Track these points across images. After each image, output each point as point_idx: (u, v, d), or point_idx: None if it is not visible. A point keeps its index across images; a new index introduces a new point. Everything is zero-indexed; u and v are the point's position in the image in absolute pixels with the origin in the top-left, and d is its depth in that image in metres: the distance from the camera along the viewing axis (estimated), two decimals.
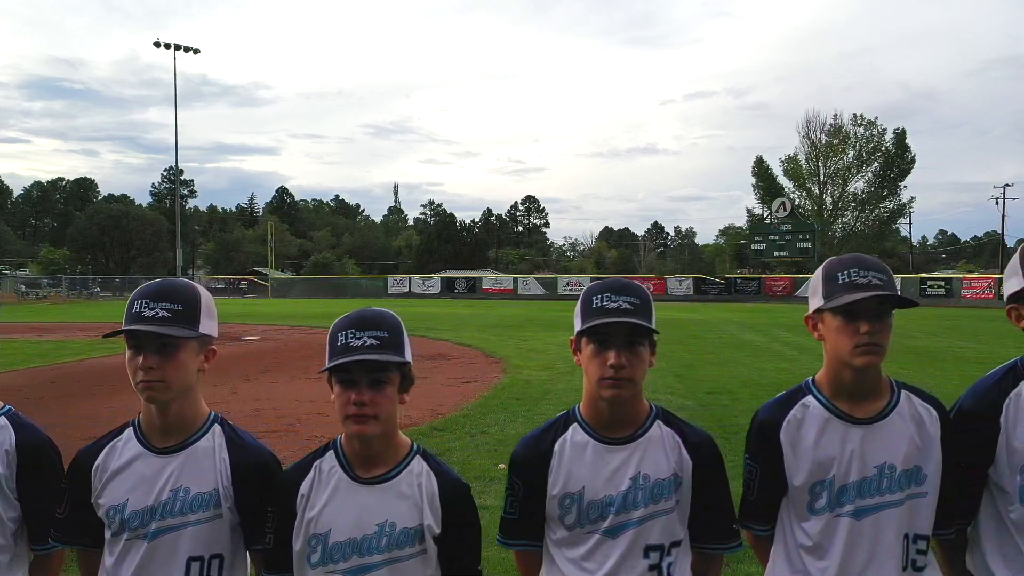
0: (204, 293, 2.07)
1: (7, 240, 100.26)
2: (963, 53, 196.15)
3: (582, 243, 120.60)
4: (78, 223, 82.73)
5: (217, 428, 2.08)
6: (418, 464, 1.99)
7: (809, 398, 2.09)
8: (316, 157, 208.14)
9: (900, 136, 68.49)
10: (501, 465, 7.83)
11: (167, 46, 60.10)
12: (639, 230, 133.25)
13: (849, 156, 69.08)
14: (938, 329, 25.67)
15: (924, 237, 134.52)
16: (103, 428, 2.20)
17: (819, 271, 2.08)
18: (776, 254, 58.97)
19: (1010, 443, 2.00)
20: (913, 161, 69.20)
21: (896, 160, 68.38)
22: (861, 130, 69.09)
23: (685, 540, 2.06)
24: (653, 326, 1.98)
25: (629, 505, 1.97)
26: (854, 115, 69.48)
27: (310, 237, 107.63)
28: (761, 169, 72.65)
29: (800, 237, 57.74)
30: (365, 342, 1.87)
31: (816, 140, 69.60)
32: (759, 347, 19.63)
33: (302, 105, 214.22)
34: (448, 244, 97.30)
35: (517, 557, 2.19)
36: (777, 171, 71.87)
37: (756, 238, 61.93)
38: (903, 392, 2.09)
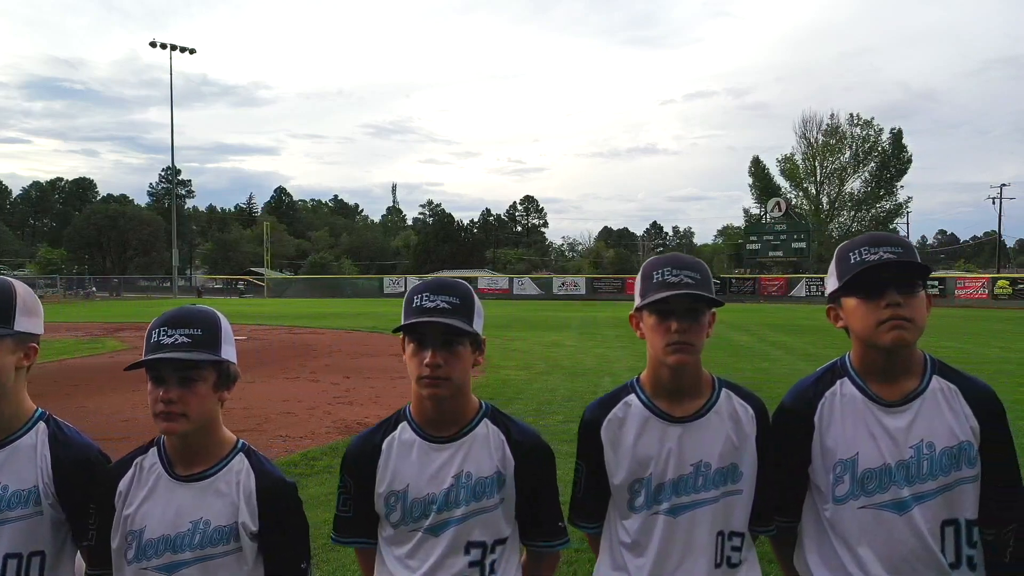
0: (20, 288, 2.06)
1: (6, 240, 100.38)
2: (963, 53, 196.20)
3: (580, 243, 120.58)
4: (75, 223, 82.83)
5: (41, 425, 2.08)
6: (239, 462, 2.00)
7: (631, 397, 2.10)
8: (316, 157, 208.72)
9: (897, 136, 68.56)
10: None
11: (163, 46, 60.22)
12: (639, 230, 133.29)
13: (846, 156, 69.14)
14: (928, 327, 25.58)
15: (924, 237, 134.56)
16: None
17: (640, 270, 2.09)
18: (771, 254, 58.93)
19: (824, 442, 2.00)
20: (910, 161, 69.28)
21: (892, 160, 68.41)
22: (858, 130, 69.25)
23: (513, 538, 2.07)
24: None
25: (451, 503, 1.98)
26: (851, 115, 69.67)
27: (308, 237, 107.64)
28: (758, 169, 72.69)
29: (795, 237, 57.71)
30: (176, 340, 1.88)
31: (813, 140, 69.67)
32: (743, 347, 19.63)
33: (302, 105, 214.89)
34: (446, 244, 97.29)
35: (357, 554, 2.20)
36: (774, 171, 71.98)
37: (751, 238, 61.89)
38: (724, 390, 2.10)
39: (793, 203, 69.12)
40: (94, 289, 64.23)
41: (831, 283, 2.04)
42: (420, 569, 1.98)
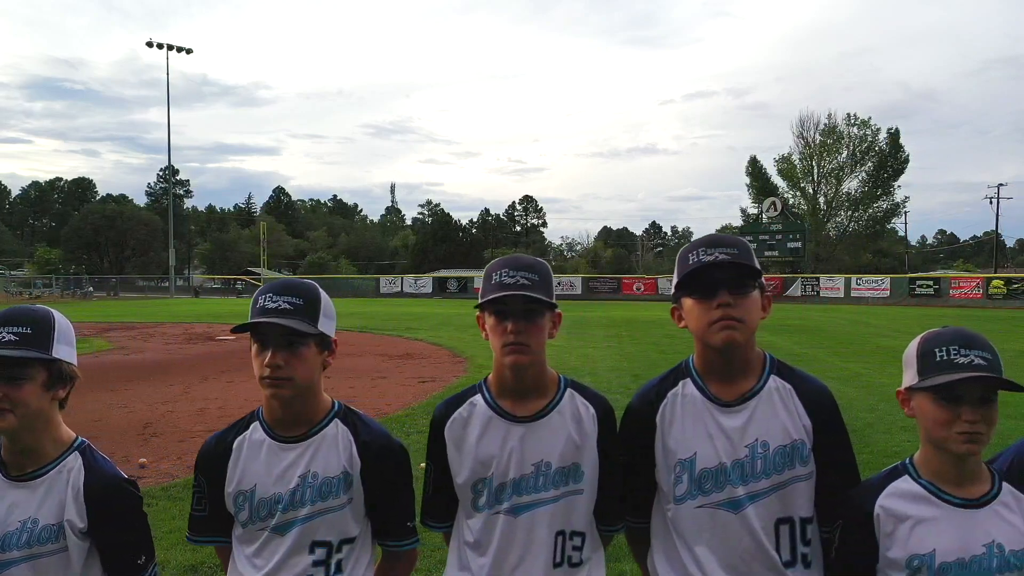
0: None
1: (4, 240, 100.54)
2: (963, 53, 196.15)
3: (579, 243, 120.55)
4: (72, 223, 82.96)
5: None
6: (73, 460, 2.00)
7: (477, 397, 2.10)
8: (316, 157, 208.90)
9: (894, 136, 68.49)
10: (422, 464, 7.91)
11: (159, 46, 60.26)
12: (640, 230, 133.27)
13: (843, 156, 69.09)
14: (916, 328, 25.42)
15: (923, 237, 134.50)
16: None
17: (485, 270, 2.10)
18: (767, 254, 58.82)
19: (666, 443, 2.00)
20: (907, 161, 69.22)
21: (890, 160, 68.34)
22: (855, 130, 69.15)
23: (363, 537, 2.07)
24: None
25: (296, 503, 1.99)
26: (848, 115, 69.59)
27: (307, 237, 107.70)
28: (755, 169, 72.64)
29: (790, 237, 57.65)
30: (4, 338, 1.89)
31: (810, 140, 69.62)
32: None
33: (302, 105, 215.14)
34: (444, 244, 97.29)
35: (217, 553, 2.21)
36: (772, 171, 71.94)
37: (747, 238, 61.71)
38: (568, 390, 2.10)
39: (791, 203, 69.08)
40: (91, 289, 64.27)
41: (674, 283, 2.03)
42: (265, 568, 1.99)
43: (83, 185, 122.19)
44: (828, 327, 26.58)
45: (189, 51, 61.73)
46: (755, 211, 67.66)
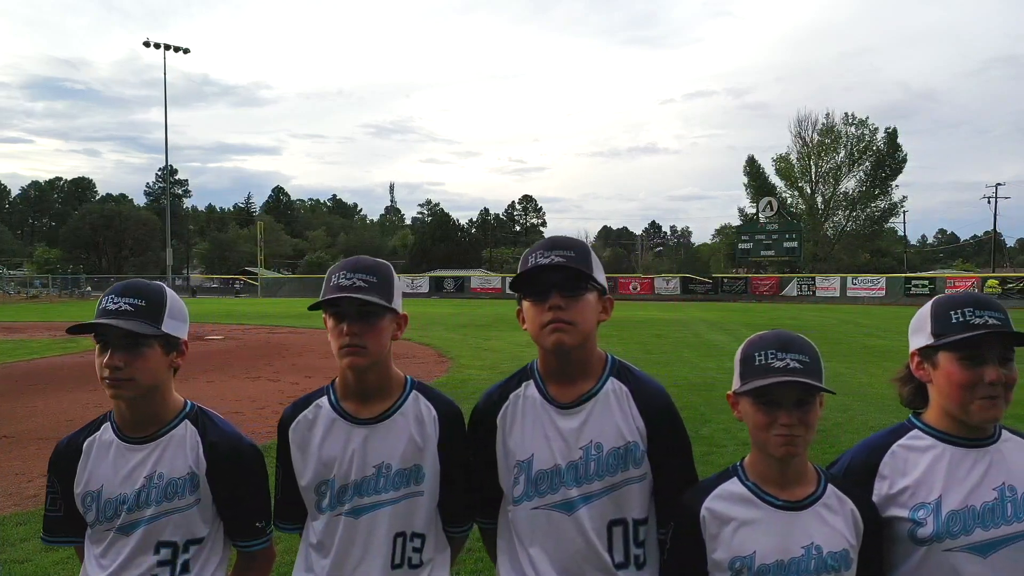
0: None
1: (4, 240, 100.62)
2: (963, 53, 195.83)
3: None
4: (71, 223, 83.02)
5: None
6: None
7: (323, 399, 2.12)
8: (317, 157, 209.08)
9: (891, 135, 68.40)
10: None
11: (156, 46, 60.28)
12: (640, 230, 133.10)
13: (840, 155, 69.02)
14: (904, 328, 25.52)
15: (924, 236, 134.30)
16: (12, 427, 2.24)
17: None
18: (763, 253, 58.87)
19: (506, 444, 2.01)
20: (905, 160, 69.16)
21: (887, 159, 68.27)
22: (852, 129, 69.08)
23: (213, 538, 2.08)
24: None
25: (142, 503, 2.00)
26: (845, 114, 69.58)
27: (306, 237, 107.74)
28: (753, 168, 72.59)
29: (786, 236, 57.63)
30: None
31: (808, 139, 69.57)
32: (716, 346, 19.61)
33: (303, 105, 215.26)
34: (442, 244, 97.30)
35: (76, 552, 2.22)
36: (769, 171, 71.89)
37: (743, 237, 61.82)
38: (413, 392, 2.11)
39: (788, 203, 69.05)
40: (89, 289, 64.29)
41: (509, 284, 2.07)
42: (110, 568, 2.00)
43: (83, 185, 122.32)
44: (818, 326, 26.55)
45: (186, 51, 61.69)
46: (753, 211, 67.59)
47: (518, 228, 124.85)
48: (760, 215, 60.65)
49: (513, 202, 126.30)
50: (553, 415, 1.98)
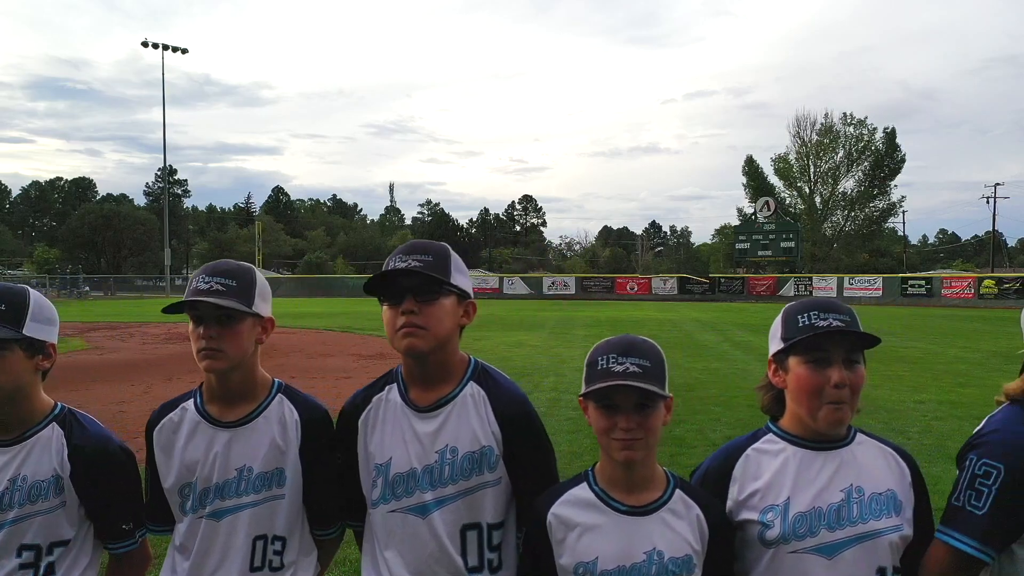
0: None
1: (4, 240, 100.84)
2: (963, 52, 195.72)
3: (578, 243, 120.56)
4: (70, 223, 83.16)
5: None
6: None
7: (189, 402, 2.13)
8: (318, 157, 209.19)
9: (890, 135, 68.31)
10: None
11: (155, 46, 60.40)
12: (641, 230, 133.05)
13: (839, 155, 68.97)
14: (897, 328, 25.59)
15: (925, 236, 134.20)
16: None
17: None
18: (760, 253, 58.81)
19: (367, 447, 2.03)
20: (903, 160, 69.10)
21: (886, 159, 68.20)
22: (851, 129, 68.99)
23: (82, 539, 2.09)
24: None
25: (4, 506, 2.00)
26: (844, 114, 69.48)
27: (305, 237, 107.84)
28: (752, 168, 72.53)
29: (783, 236, 57.58)
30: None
31: (807, 139, 69.52)
32: (705, 347, 19.63)
33: (304, 105, 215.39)
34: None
35: None
36: (768, 171, 71.86)
37: (740, 237, 61.81)
38: (278, 395, 2.13)
39: (787, 203, 69.01)
40: (88, 288, 64.41)
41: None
42: None
43: (83, 184, 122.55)
44: None
45: (185, 51, 61.84)
46: (751, 211, 67.56)
47: (518, 228, 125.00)
48: (758, 215, 60.63)
49: (513, 202, 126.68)
50: (412, 419, 1.99)
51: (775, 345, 1.93)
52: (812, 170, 69.76)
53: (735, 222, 74.39)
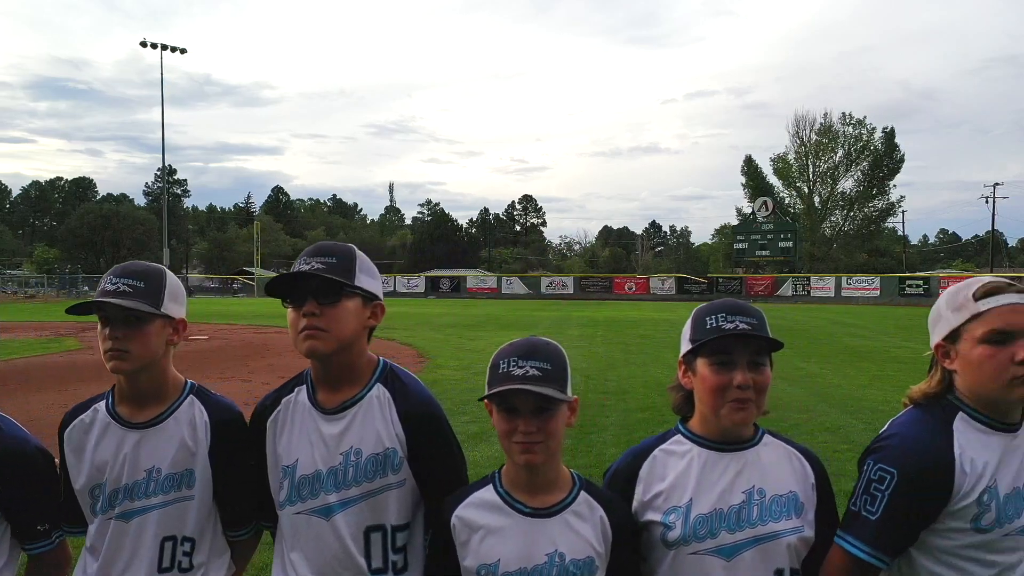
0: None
1: (4, 239, 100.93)
2: (963, 52, 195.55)
3: (578, 242, 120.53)
4: (69, 223, 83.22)
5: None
6: None
7: (101, 403, 2.13)
8: (319, 157, 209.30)
9: (889, 135, 68.31)
10: None
11: (153, 46, 60.37)
12: (641, 229, 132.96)
13: (838, 155, 68.94)
14: (890, 328, 25.60)
15: (925, 236, 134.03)
16: None
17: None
18: (758, 253, 58.80)
19: (275, 449, 2.03)
20: (902, 160, 69.14)
21: (885, 159, 68.19)
22: (850, 129, 68.98)
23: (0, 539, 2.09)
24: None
25: None
26: (843, 114, 69.49)
27: (305, 237, 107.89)
28: (751, 168, 72.54)
29: (781, 236, 57.55)
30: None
31: (806, 139, 69.50)
32: None
33: (305, 105, 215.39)
34: (440, 243, 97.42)
35: None
36: (768, 171, 71.85)
37: (739, 237, 61.79)
38: (190, 396, 2.13)
39: (786, 203, 69.00)
40: (87, 288, 64.40)
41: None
42: None
43: (83, 184, 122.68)
44: (806, 327, 26.52)
45: (183, 51, 61.75)
46: (749, 210, 67.54)
47: (518, 228, 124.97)
48: (756, 215, 60.60)
49: (513, 202, 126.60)
50: (318, 420, 1.99)
51: (684, 346, 1.93)
52: (811, 170, 69.79)
53: (735, 222, 74.35)
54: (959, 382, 1.86)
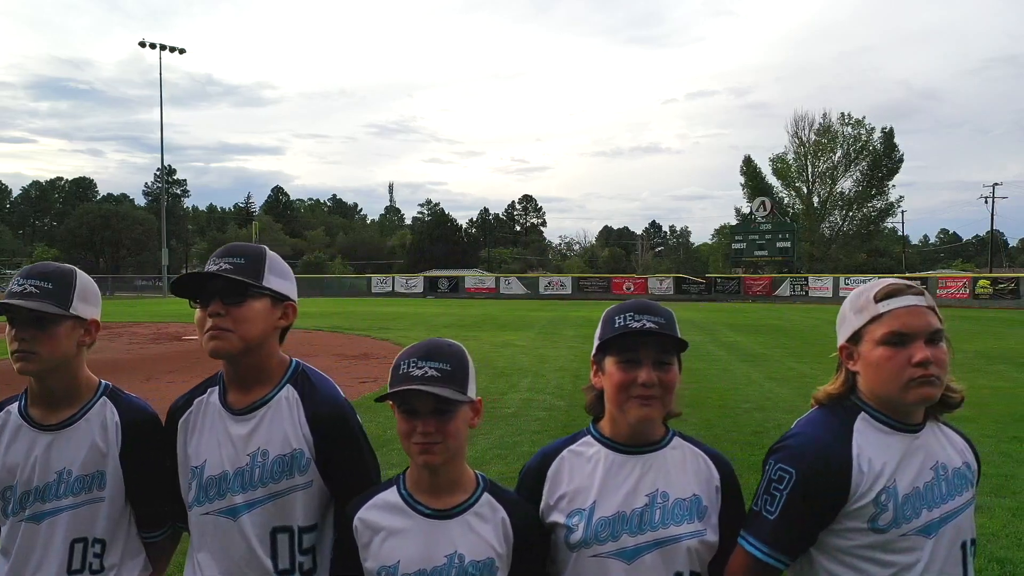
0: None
1: (3, 239, 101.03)
2: (963, 52, 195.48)
3: (578, 242, 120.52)
4: (68, 223, 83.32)
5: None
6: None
7: (13, 405, 2.13)
8: (320, 157, 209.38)
9: (888, 135, 68.24)
10: None
11: (152, 46, 60.45)
12: (642, 229, 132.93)
13: (837, 155, 68.89)
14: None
15: (926, 236, 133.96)
16: None
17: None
18: (756, 253, 58.69)
19: (185, 450, 2.03)
20: (901, 160, 69.08)
21: (884, 159, 68.13)
22: (849, 129, 68.91)
23: None
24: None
25: None
26: (842, 114, 69.41)
27: (305, 236, 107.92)
28: (750, 168, 72.49)
29: (780, 236, 57.47)
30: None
31: (805, 139, 69.45)
32: (692, 347, 19.47)
33: (305, 105, 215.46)
34: (440, 243, 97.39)
35: None
36: (767, 171, 71.81)
37: (737, 237, 61.75)
38: (103, 398, 2.12)
39: (785, 203, 68.95)
40: None
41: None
42: None
43: (84, 184, 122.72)
44: (801, 327, 26.49)
45: (182, 51, 61.85)
46: (748, 210, 67.49)
47: (518, 228, 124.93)
48: (754, 215, 60.57)
49: (513, 202, 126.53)
50: (227, 421, 1.99)
51: (595, 346, 1.93)
52: (810, 170, 69.72)
53: (735, 222, 74.33)
54: (861, 383, 1.86)
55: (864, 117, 69.46)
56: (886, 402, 1.82)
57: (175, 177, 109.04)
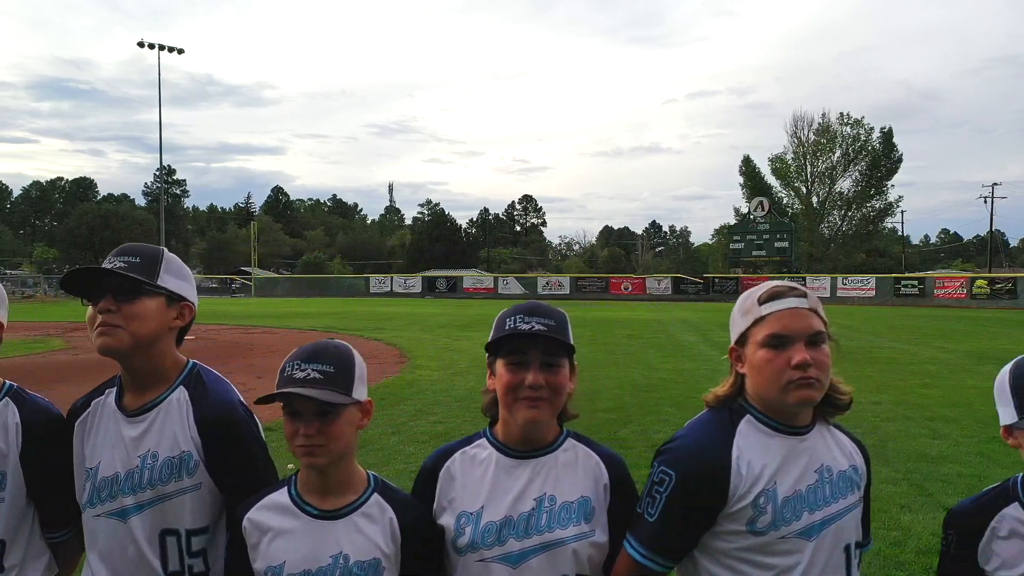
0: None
1: (4, 240, 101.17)
2: (963, 52, 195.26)
3: (578, 243, 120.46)
4: (67, 223, 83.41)
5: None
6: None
7: None
8: (320, 157, 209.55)
9: (887, 135, 68.14)
10: (290, 466, 7.84)
11: (151, 46, 60.41)
12: (642, 229, 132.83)
13: (836, 155, 68.81)
14: (880, 329, 25.54)
15: (927, 236, 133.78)
16: None
17: None
18: (754, 253, 58.67)
19: (82, 452, 2.02)
20: (900, 160, 68.98)
21: (883, 159, 68.03)
22: (848, 129, 68.83)
23: None
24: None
25: None
26: (841, 114, 69.32)
27: (304, 237, 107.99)
28: (749, 168, 72.42)
29: (777, 236, 57.44)
30: None
31: (804, 139, 69.38)
32: (684, 347, 19.58)
33: (306, 105, 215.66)
34: (439, 243, 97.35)
35: None
36: (766, 171, 71.74)
37: (735, 237, 61.70)
38: (5, 399, 2.11)
39: (784, 203, 68.88)
40: None
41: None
42: None
43: (84, 184, 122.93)
44: None
45: (181, 51, 61.69)
46: (747, 210, 67.42)
47: (518, 228, 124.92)
48: (752, 215, 60.52)
49: (513, 202, 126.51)
50: (121, 423, 1.98)
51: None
52: (809, 170, 69.63)
53: (733, 222, 74.24)
54: (747, 385, 1.85)
55: (863, 117, 69.62)
56: (769, 404, 1.81)
57: (175, 177, 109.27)
